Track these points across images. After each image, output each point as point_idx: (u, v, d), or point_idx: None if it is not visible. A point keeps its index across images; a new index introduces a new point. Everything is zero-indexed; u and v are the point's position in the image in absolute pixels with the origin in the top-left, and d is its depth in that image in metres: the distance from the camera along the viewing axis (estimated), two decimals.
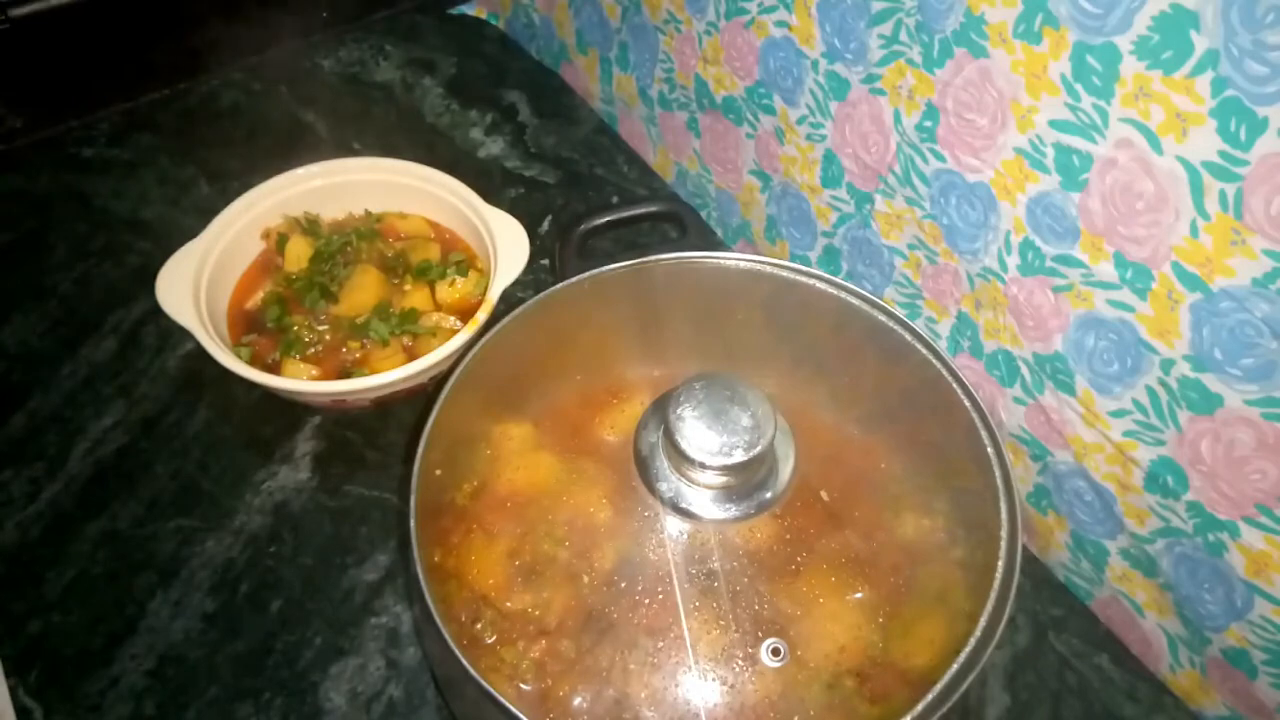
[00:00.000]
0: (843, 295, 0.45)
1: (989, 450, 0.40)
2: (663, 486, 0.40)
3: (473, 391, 0.42)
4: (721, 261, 0.46)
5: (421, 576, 0.36)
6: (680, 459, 0.38)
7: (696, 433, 0.38)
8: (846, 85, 0.54)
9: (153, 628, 0.52)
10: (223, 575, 0.54)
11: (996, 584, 0.37)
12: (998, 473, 0.39)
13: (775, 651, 0.38)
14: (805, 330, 0.46)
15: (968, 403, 0.41)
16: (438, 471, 0.40)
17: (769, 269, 0.46)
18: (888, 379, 0.45)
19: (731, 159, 0.68)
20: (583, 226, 0.51)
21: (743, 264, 0.46)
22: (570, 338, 0.47)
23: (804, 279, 0.45)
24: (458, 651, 0.35)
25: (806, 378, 0.45)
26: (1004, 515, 0.38)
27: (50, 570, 0.54)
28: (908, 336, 0.43)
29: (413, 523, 0.38)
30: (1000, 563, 0.37)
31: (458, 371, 0.42)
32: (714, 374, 0.40)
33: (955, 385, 0.42)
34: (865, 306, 0.44)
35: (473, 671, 0.34)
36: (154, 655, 0.51)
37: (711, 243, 0.47)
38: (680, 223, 0.50)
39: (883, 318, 0.44)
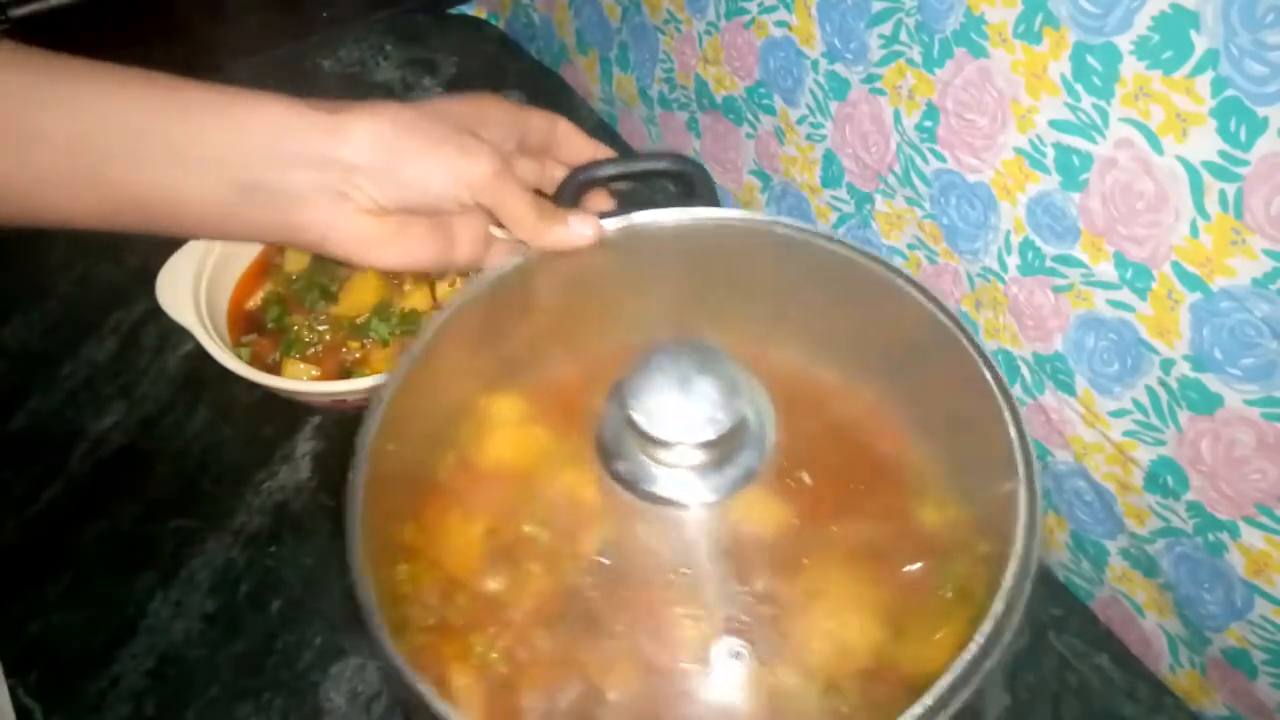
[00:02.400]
0: (857, 257, 0.40)
1: (1016, 445, 0.35)
2: (622, 468, 0.36)
3: (445, 363, 0.40)
4: (724, 220, 0.43)
5: (358, 569, 0.32)
6: (644, 440, 0.35)
7: (661, 410, 0.34)
8: (846, 85, 0.54)
9: (153, 628, 0.52)
10: (223, 575, 0.54)
11: (1004, 587, 0.34)
12: (1021, 468, 0.34)
13: (758, 649, 0.36)
14: (811, 294, 0.42)
15: (1000, 397, 0.36)
16: (390, 446, 0.37)
17: (781, 229, 0.41)
18: (896, 345, 0.40)
19: (731, 159, 0.68)
20: (582, 176, 0.45)
21: (748, 223, 0.43)
22: (546, 305, 0.44)
23: (814, 239, 0.41)
24: (389, 649, 0.31)
25: (807, 347, 0.42)
26: (1022, 513, 0.34)
27: (50, 570, 0.54)
28: (929, 306, 0.38)
29: (359, 495, 0.35)
30: (1012, 566, 0.33)
31: (425, 337, 0.39)
32: (675, 341, 0.35)
33: (985, 370, 0.36)
34: (888, 273, 0.39)
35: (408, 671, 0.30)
36: (154, 655, 0.51)
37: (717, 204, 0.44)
38: (688, 181, 0.46)
39: (911, 291, 0.39)
